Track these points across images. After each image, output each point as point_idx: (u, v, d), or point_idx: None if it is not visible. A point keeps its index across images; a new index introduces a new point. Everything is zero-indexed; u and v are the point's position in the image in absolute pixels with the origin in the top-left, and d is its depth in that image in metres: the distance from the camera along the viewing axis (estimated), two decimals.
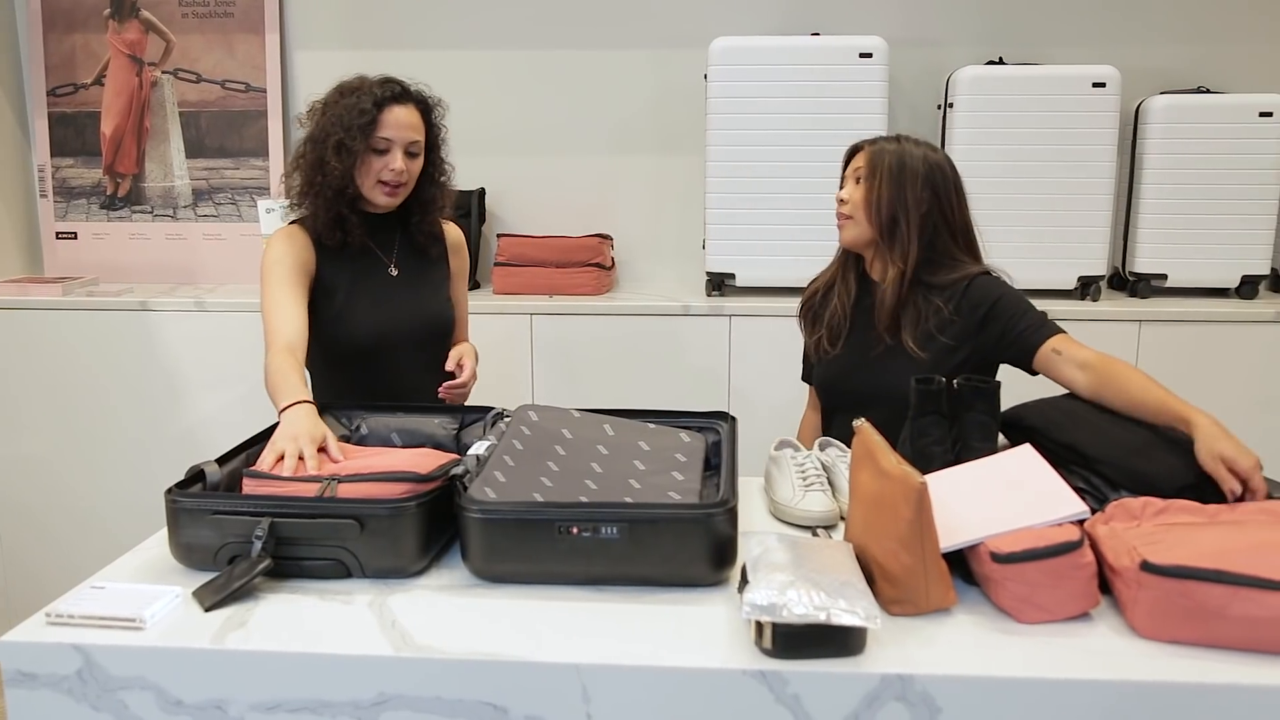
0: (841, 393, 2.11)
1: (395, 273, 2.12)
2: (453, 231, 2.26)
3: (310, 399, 1.75)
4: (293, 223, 2.08)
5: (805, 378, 2.30)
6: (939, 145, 3.19)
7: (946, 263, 2.00)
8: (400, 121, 1.98)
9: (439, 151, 2.11)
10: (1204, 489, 1.56)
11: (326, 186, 1.98)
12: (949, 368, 1.94)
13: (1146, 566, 1.26)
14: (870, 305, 2.06)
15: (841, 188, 2.06)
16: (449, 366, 2.09)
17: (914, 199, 1.96)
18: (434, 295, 2.18)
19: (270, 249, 2.02)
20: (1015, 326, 1.93)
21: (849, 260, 2.12)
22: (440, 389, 2.08)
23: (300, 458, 1.58)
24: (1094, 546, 1.37)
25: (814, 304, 2.18)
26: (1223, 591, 1.22)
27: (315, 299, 2.04)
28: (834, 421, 2.16)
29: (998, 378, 1.82)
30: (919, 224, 1.97)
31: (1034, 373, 1.95)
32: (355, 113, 1.94)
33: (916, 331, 1.98)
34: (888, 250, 2.00)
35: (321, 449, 1.62)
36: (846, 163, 2.08)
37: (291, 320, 1.92)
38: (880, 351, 2.02)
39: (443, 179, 2.13)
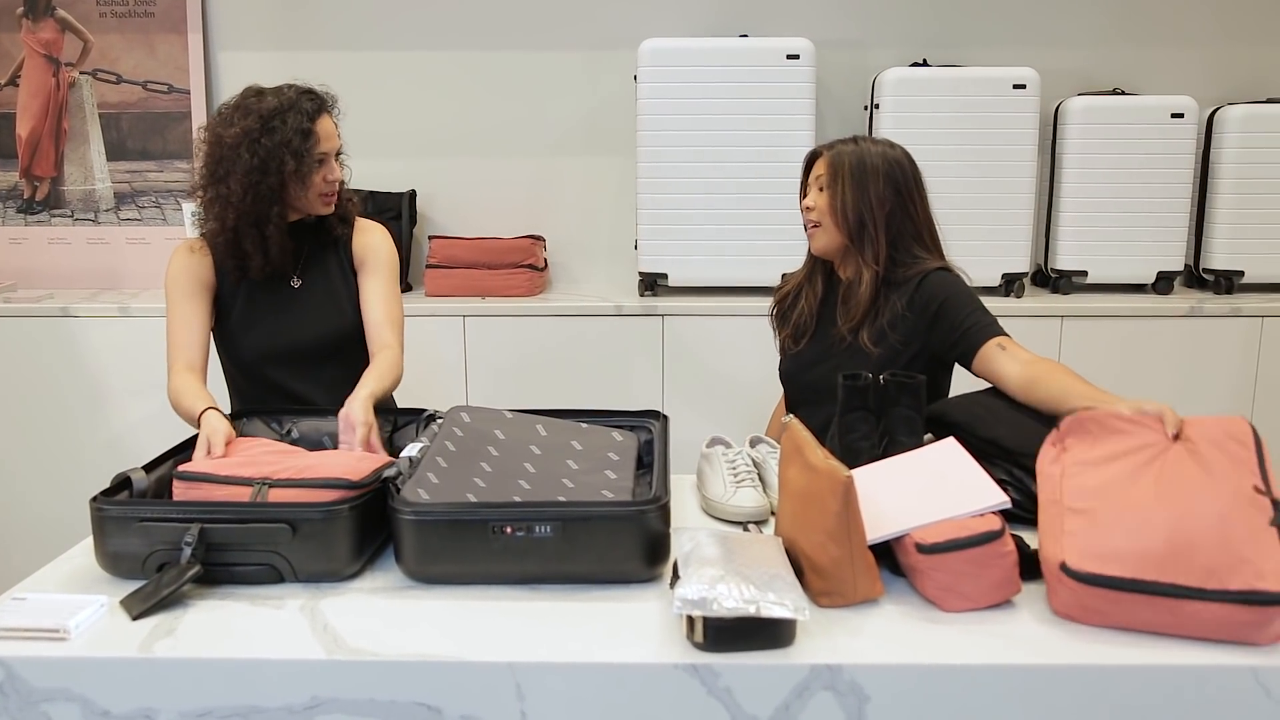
0: (801, 386, 2.14)
1: (298, 284, 2.08)
2: (371, 229, 2.19)
3: (215, 405, 1.81)
4: (201, 235, 2.04)
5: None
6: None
7: (907, 259, 2.01)
8: (329, 131, 1.99)
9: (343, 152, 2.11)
10: None
11: (265, 220, 1.94)
12: (901, 364, 1.97)
13: (1065, 570, 1.30)
14: (835, 303, 2.08)
15: (805, 196, 2.07)
16: (340, 435, 1.80)
17: (877, 198, 1.97)
18: (339, 303, 2.11)
19: (171, 264, 2.02)
20: (962, 324, 1.94)
21: (817, 263, 2.13)
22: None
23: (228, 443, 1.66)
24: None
25: (784, 305, 2.20)
26: (1140, 599, 1.26)
27: (219, 312, 2.04)
28: (799, 415, 2.17)
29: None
30: (885, 223, 1.98)
31: (974, 371, 1.96)
32: (296, 135, 1.91)
33: (872, 328, 2.00)
34: (859, 253, 2.00)
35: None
36: (806, 170, 2.09)
37: (190, 340, 1.96)
38: (840, 347, 2.04)
39: (346, 172, 2.11)
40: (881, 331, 1.98)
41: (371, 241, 2.14)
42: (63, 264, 3.54)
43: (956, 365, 2.01)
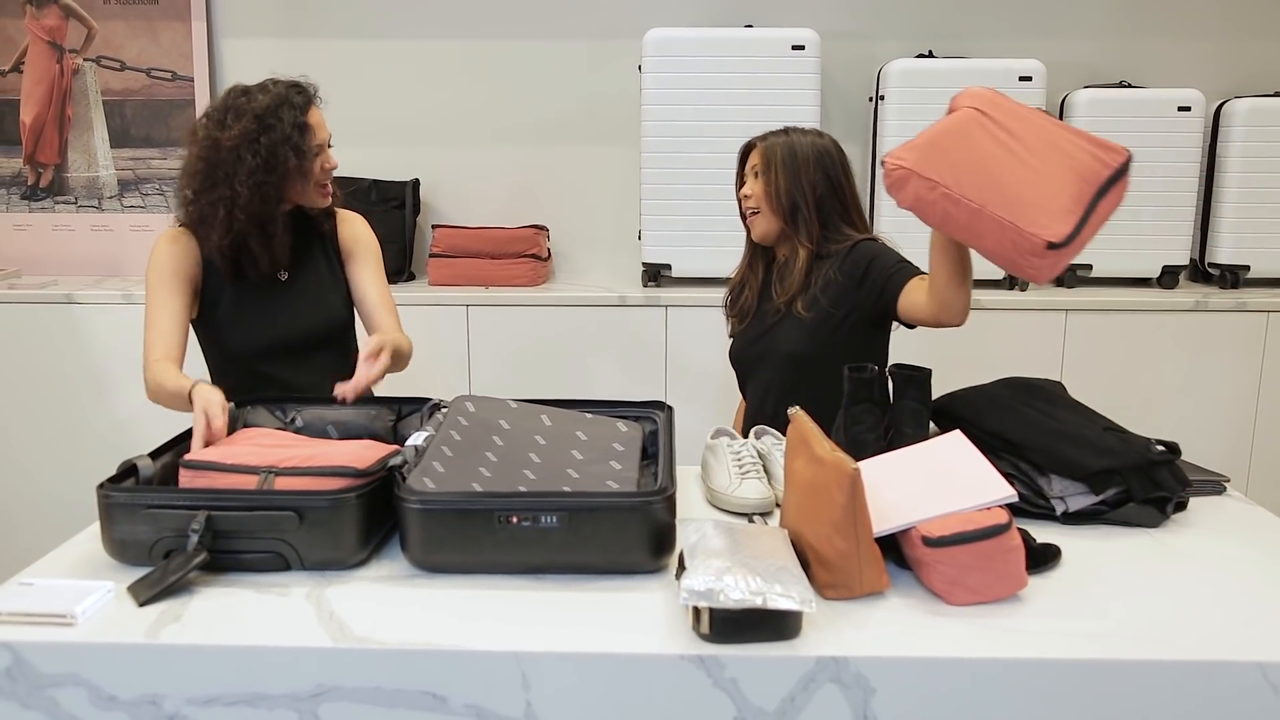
0: (745, 362, 2.26)
1: (285, 276, 2.08)
2: (353, 219, 2.19)
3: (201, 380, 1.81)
4: (181, 225, 2.02)
5: None
6: (870, 136, 3.25)
7: (838, 236, 2.12)
8: (320, 121, 2.00)
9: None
10: (1128, 475, 1.62)
11: (273, 220, 1.96)
12: (830, 327, 2.08)
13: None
14: (771, 281, 2.20)
15: (742, 185, 2.19)
16: (363, 356, 1.87)
17: (809, 183, 2.10)
18: (326, 295, 2.12)
19: (154, 254, 1.99)
20: (887, 272, 2.04)
21: (757, 251, 2.25)
22: (337, 388, 1.85)
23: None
24: None
25: (734, 294, 2.31)
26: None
27: (204, 306, 2.03)
28: (746, 391, 2.29)
29: (928, 365, 1.86)
30: (816, 205, 2.10)
31: (902, 320, 2.04)
32: (294, 130, 1.92)
33: (805, 297, 2.11)
34: (794, 234, 2.12)
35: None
36: (742, 161, 2.21)
37: (169, 332, 1.94)
38: (776, 319, 2.16)
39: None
40: (814, 298, 2.10)
41: (357, 232, 2.16)
42: (66, 251, 3.54)
43: (894, 331, 2.15)
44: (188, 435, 1.70)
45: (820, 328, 2.08)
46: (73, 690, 1.26)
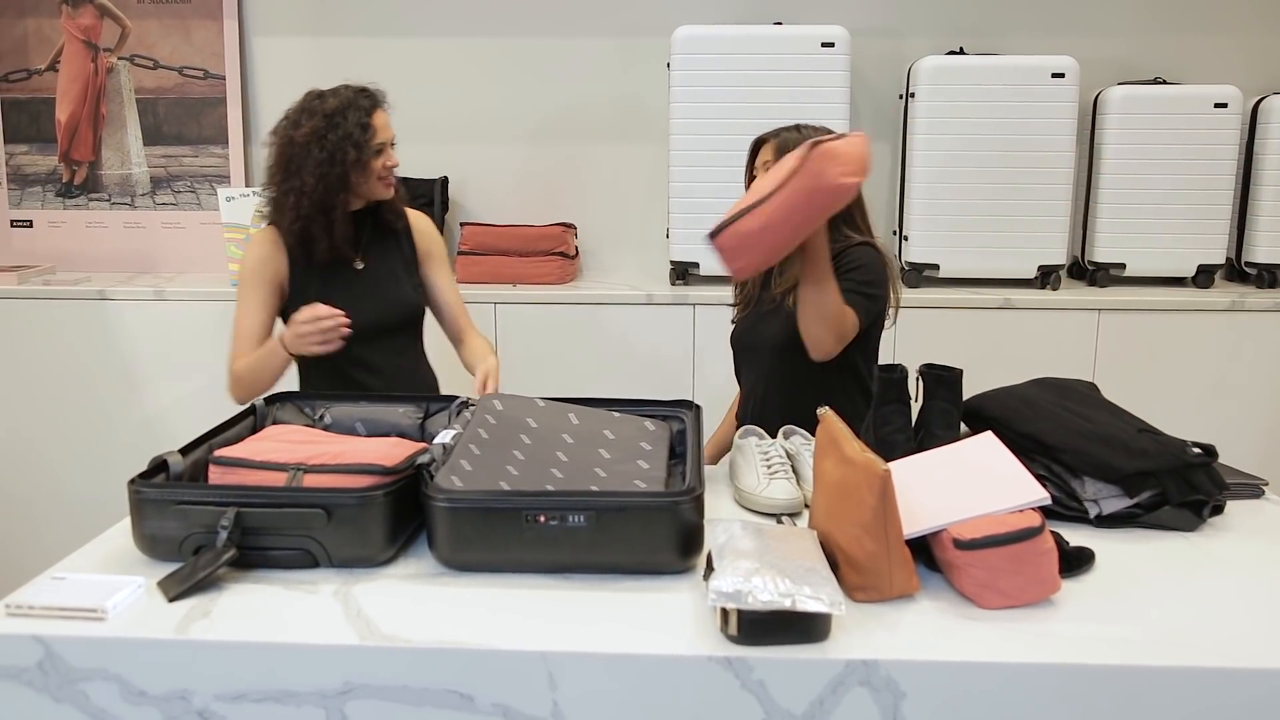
0: (739, 347, 2.29)
1: (361, 266, 2.23)
2: (417, 216, 2.37)
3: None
4: (270, 224, 2.20)
5: None
6: (900, 134, 3.23)
7: (838, 237, 2.10)
8: (384, 122, 2.17)
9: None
10: (1163, 478, 1.59)
11: (334, 207, 2.12)
12: None
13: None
14: (770, 273, 2.20)
15: (751, 179, 2.19)
16: (476, 390, 2.12)
17: None
18: (398, 284, 2.27)
19: (249, 251, 2.19)
20: (839, 282, 2.00)
21: None
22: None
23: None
24: None
25: (740, 283, 2.31)
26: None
27: (291, 296, 2.19)
28: (740, 378, 2.32)
29: (959, 365, 1.84)
30: None
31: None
32: (357, 128, 2.10)
33: (795, 292, 2.08)
34: None
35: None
36: (753, 155, 2.20)
37: (255, 332, 2.15)
38: (768, 308, 2.16)
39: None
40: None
41: (432, 235, 2.38)
42: (100, 247, 3.57)
43: (888, 327, 2.15)
44: (217, 432, 1.71)
45: None
46: (103, 684, 1.26)
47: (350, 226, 2.19)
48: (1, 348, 3.18)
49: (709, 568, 1.34)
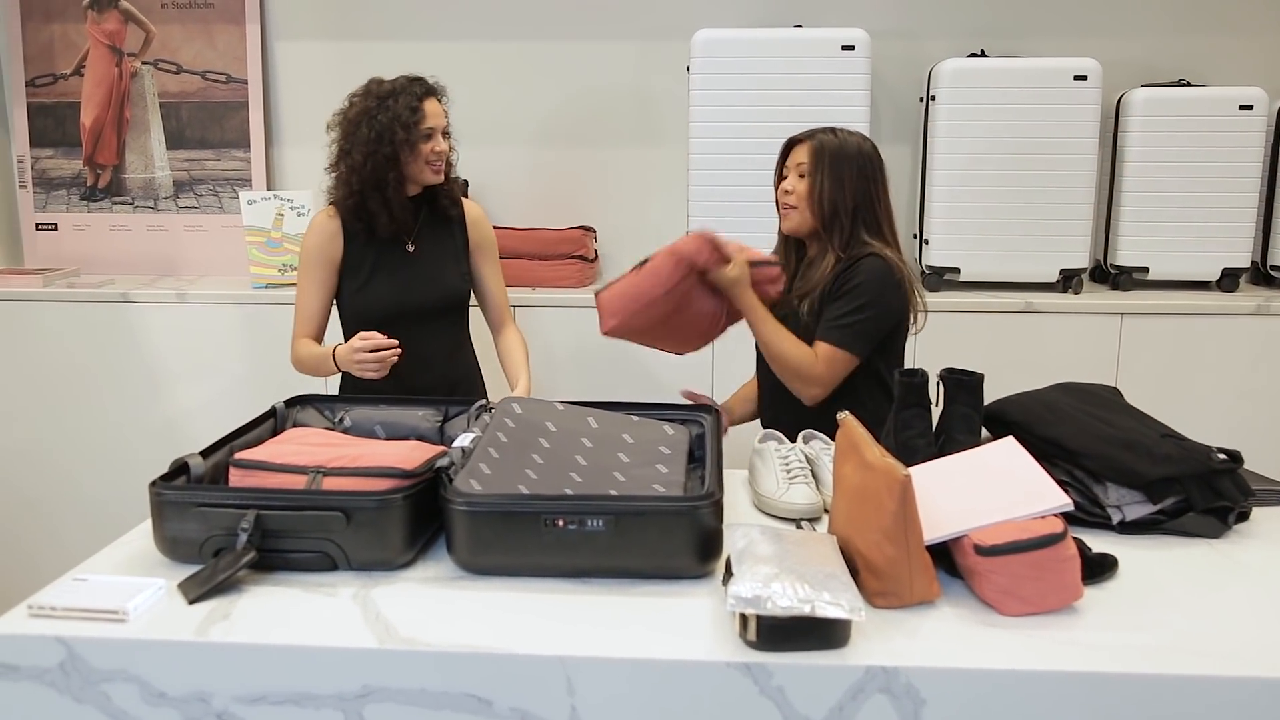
0: (758, 348, 2.26)
1: (412, 249, 2.35)
2: (472, 207, 2.49)
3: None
4: (331, 204, 2.34)
5: None
6: (921, 137, 3.21)
7: (858, 244, 2.10)
8: (435, 110, 2.30)
9: (450, 132, 2.41)
10: (1187, 484, 1.58)
11: (385, 183, 2.24)
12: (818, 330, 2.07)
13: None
14: (792, 278, 2.21)
15: (783, 178, 2.18)
16: None
17: (850, 190, 2.08)
18: (446, 270, 2.39)
19: (307, 237, 2.33)
20: (832, 313, 2.05)
21: (789, 245, 2.24)
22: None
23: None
24: None
25: None
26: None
27: (343, 277, 2.34)
28: (762, 380, 2.30)
29: (980, 370, 1.83)
30: (852, 212, 2.09)
31: None
32: (406, 110, 2.22)
33: (813, 298, 2.10)
34: (827, 238, 2.11)
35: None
36: (784, 155, 2.19)
37: (315, 312, 2.34)
38: (785, 310, 2.15)
39: (453, 152, 2.40)
40: (814, 303, 2.10)
41: (485, 226, 2.49)
42: (123, 250, 3.60)
43: (914, 332, 2.18)
44: (237, 434, 1.72)
45: (817, 324, 2.08)
46: (124, 685, 1.27)
47: (407, 208, 2.31)
48: (26, 350, 3.21)
49: (728, 573, 1.34)
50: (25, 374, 3.23)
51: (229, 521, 1.42)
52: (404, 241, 2.35)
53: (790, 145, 2.18)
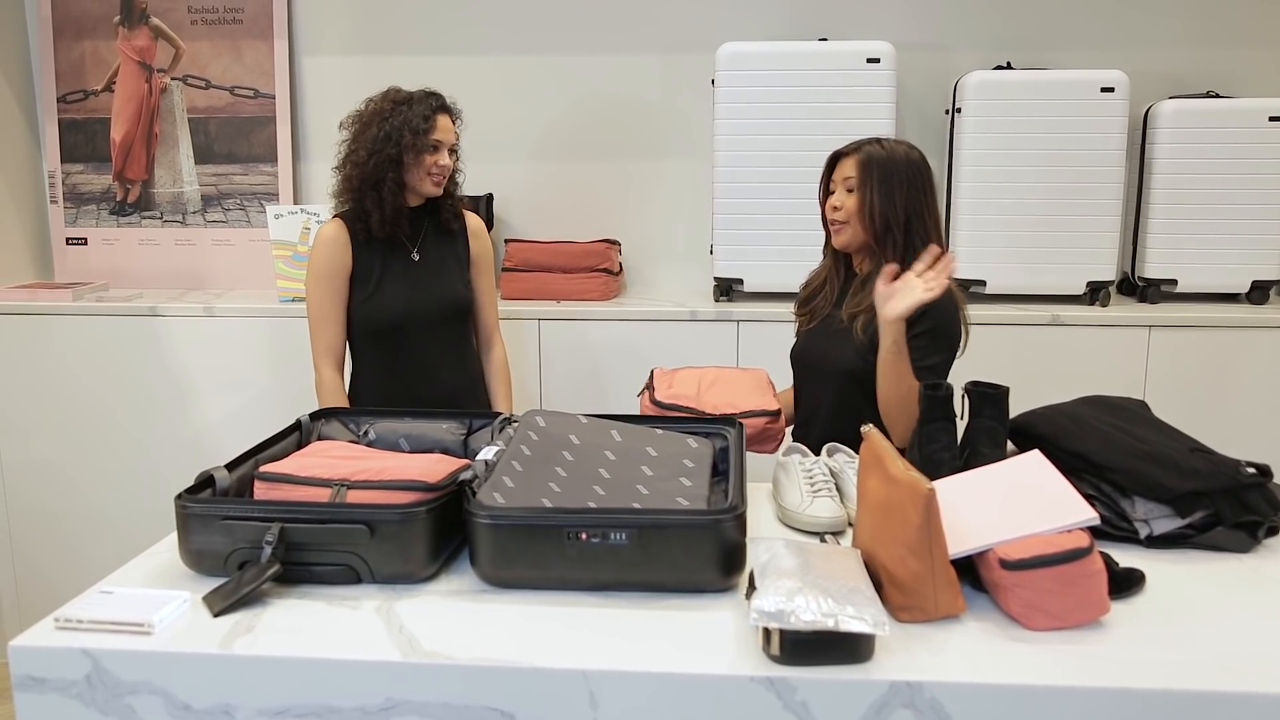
0: (801, 364, 2.27)
1: (417, 258, 2.41)
2: (473, 219, 2.56)
3: None
4: (336, 216, 2.40)
5: None
6: (946, 150, 3.20)
7: (914, 263, 2.05)
8: (446, 126, 2.37)
9: (459, 151, 2.47)
10: (1216, 498, 1.56)
11: (382, 182, 2.30)
12: (875, 356, 2.02)
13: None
14: (843, 290, 2.19)
15: (830, 193, 2.15)
16: None
17: (902, 202, 2.06)
18: (451, 278, 2.46)
19: (314, 255, 2.37)
20: (912, 354, 2.00)
21: (839, 259, 2.22)
22: None
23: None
24: None
25: (809, 295, 2.29)
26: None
27: (352, 286, 2.39)
28: (801, 395, 2.28)
29: (1006, 383, 1.81)
30: (905, 225, 2.06)
31: None
32: (419, 119, 2.30)
33: (866, 317, 2.07)
34: (880, 253, 2.08)
35: None
36: (829, 169, 2.16)
37: (335, 331, 2.38)
38: (835, 328, 2.14)
39: (459, 173, 2.49)
40: (871, 321, 2.04)
41: (485, 240, 2.57)
42: (151, 264, 3.64)
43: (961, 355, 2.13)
44: (263, 447, 1.73)
45: (869, 352, 2.04)
46: (149, 698, 1.28)
47: (406, 217, 2.38)
48: (55, 363, 3.25)
49: (751, 586, 1.33)
50: (53, 387, 3.26)
51: (254, 534, 1.42)
52: (409, 250, 2.41)
53: (835, 159, 2.15)
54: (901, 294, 1.90)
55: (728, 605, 1.39)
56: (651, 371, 2.27)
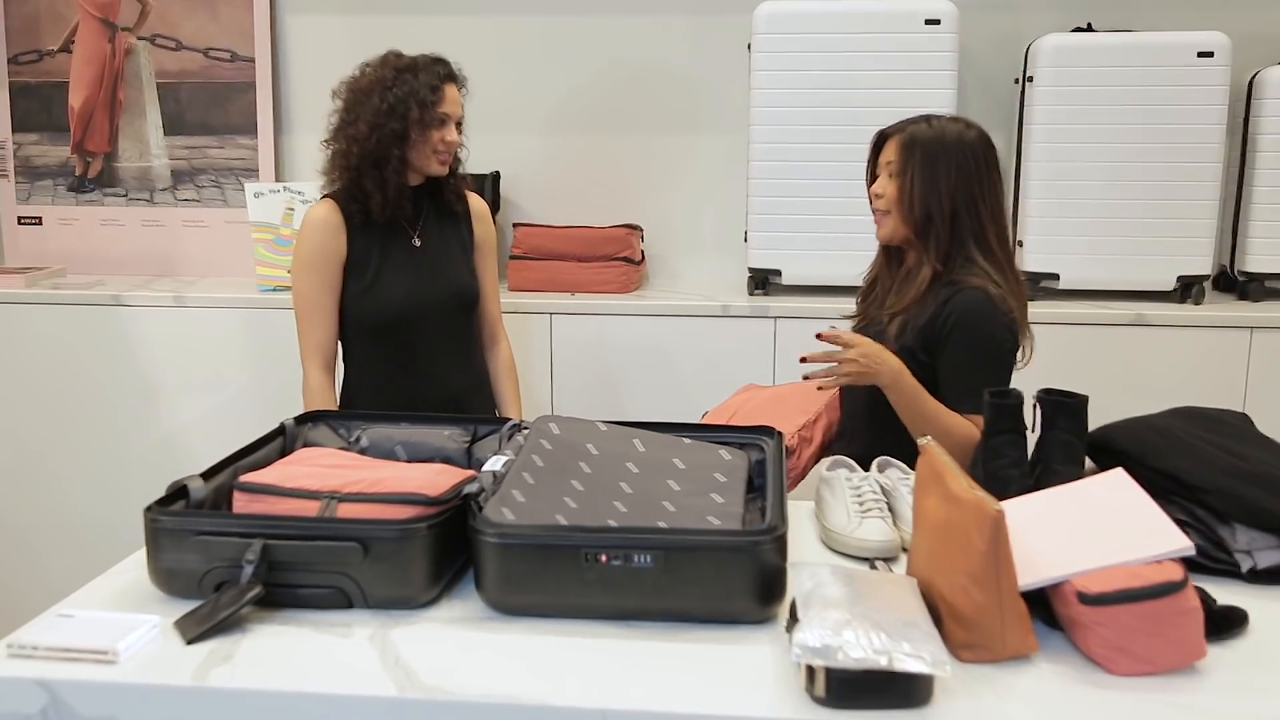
0: None
1: (418, 243, 2.44)
2: (477, 201, 2.61)
3: None
4: (325, 197, 2.41)
5: None
6: (1015, 125, 3.20)
7: (963, 262, 2.07)
8: (454, 97, 2.38)
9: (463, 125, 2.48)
10: None
11: (386, 160, 2.31)
12: (911, 366, 2.05)
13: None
14: (888, 289, 2.22)
15: (874, 180, 2.16)
16: None
17: (947, 190, 2.05)
18: (456, 265, 2.49)
19: (303, 240, 2.38)
20: (946, 374, 2.05)
21: (890, 252, 2.23)
22: None
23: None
24: None
25: (866, 291, 2.31)
26: None
27: (346, 276, 2.39)
28: (843, 399, 2.30)
29: (1083, 391, 1.81)
30: (951, 217, 2.06)
31: None
32: (427, 89, 2.30)
33: (903, 319, 2.09)
34: (922, 248, 2.09)
35: None
36: (875, 151, 2.18)
37: (327, 328, 2.39)
38: (874, 329, 2.15)
39: (462, 149, 2.49)
40: (908, 326, 2.10)
41: (489, 224, 2.61)
42: (115, 247, 3.67)
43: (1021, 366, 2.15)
44: (242, 454, 1.74)
45: (910, 361, 2.05)
46: None
47: (409, 199, 2.39)
48: (7, 357, 3.28)
49: (792, 618, 1.33)
50: (4, 385, 3.30)
51: (232, 552, 1.43)
52: (409, 235, 2.44)
53: (881, 140, 2.16)
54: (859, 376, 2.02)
55: (766, 639, 1.39)
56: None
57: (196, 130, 3.62)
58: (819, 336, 2.02)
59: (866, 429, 2.12)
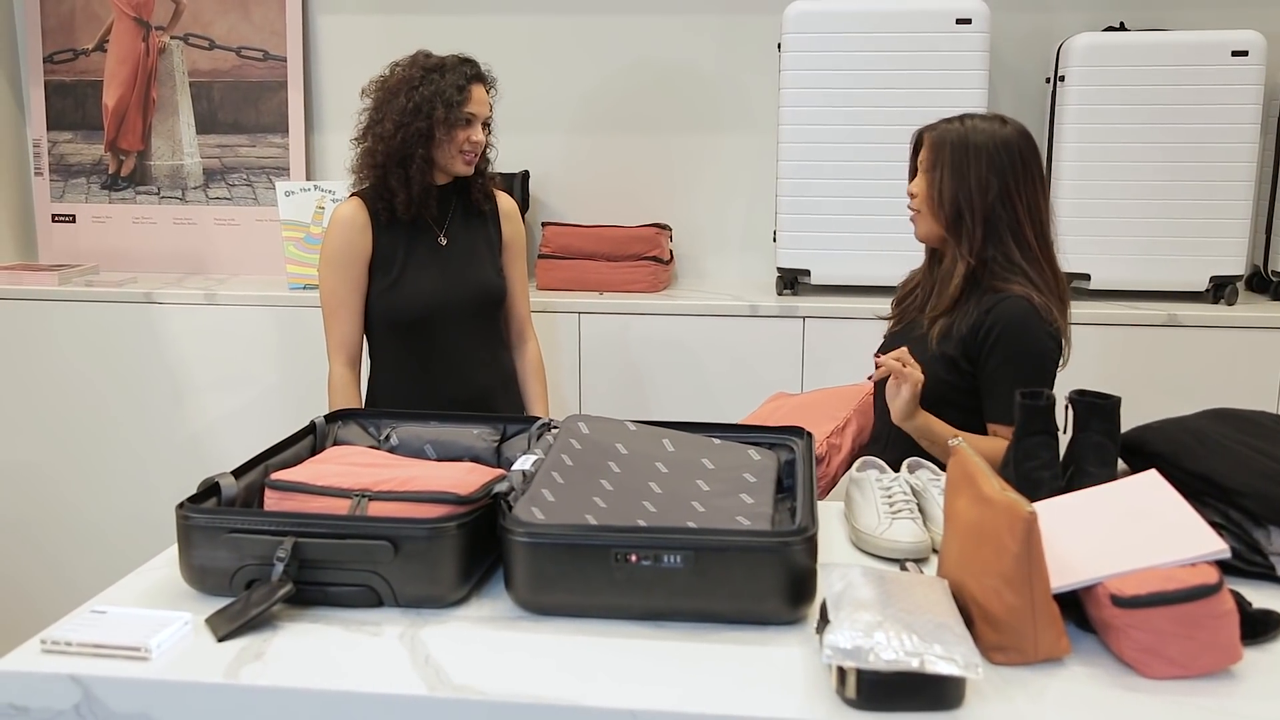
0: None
1: (444, 242, 2.46)
2: (505, 200, 2.62)
3: None
4: (352, 195, 2.45)
5: None
6: (1047, 125, 3.17)
7: (1000, 263, 2.06)
8: (481, 98, 2.40)
9: (492, 124, 2.50)
10: None
11: (410, 159, 2.34)
12: (952, 374, 2.07)
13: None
14: (931, 289, 2.20)
15: (912, 178, 2.17)
16: None
17: (978, 186, 2.04)
18: (482, 264, 2.51)
19: (329, 237, 2.41)
20: (989, 387, 2.05)
21: (934, 255, 2.22)
22: None
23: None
24: None
25: (903, 293, 2.31)
26: None
27: (372, 273, 2.43)
28: (876, 401, 2.27)
29: (1115, 392, 1.80)
30: (983, 214, 2.04)
31: None
32: (452, 89, 2.33)
33: (944, 324, 2.09)
34: (955, 245, 2.08)
35: None
36: (915, 151, 2.17)
37: (353, 326, 2.43)
38: (914, 334, 2.15)
39: (491, 148, 2.53)
40: (949, 332, 2.08)
41: (518, 222, 2.63)
42: (147, 245, 3.70)
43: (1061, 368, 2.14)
44: (273, 452, 1.75)
45: (942, 367, 2.06)
46: None
47: (434, 198, 2.42)
48: (40, 354, 3.31)
49: (823, 619, 1.33)
50: (36, 382, 3.33)
51: (263, 550, 1.44)
52: (435, 233, 2.46)
53: (919, 139, 2.16)
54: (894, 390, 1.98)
55: (796, 640, 1.39)
56: None
57: (228, 129, 3.64)
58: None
59: (902, 435, 2.10)
